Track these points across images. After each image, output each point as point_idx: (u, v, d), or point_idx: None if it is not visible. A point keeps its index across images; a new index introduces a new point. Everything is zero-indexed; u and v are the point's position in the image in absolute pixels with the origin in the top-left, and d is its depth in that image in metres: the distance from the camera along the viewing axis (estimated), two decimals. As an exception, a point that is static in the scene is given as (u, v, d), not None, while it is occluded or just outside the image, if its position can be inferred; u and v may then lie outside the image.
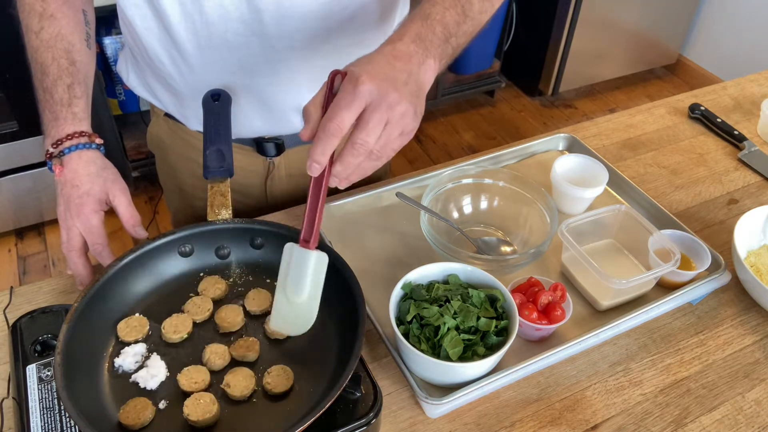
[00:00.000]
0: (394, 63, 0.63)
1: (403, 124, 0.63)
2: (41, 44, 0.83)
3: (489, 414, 0.75)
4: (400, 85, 0.62)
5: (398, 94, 0.61)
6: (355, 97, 0.60)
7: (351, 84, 0.61)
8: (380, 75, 0.61)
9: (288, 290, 0.69)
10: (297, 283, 0.68)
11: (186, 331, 0.74)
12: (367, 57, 0.64)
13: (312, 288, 0.69)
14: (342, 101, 0.60)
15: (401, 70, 0.63)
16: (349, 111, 0.60)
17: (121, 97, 2.32)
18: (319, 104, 0.64)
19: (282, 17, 0.82)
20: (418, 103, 0.64)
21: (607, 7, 2.75)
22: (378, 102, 0.61)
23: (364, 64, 0.63)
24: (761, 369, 0.82)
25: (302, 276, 0.68)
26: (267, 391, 0.69)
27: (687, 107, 1.27)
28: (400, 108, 0.62)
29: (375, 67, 0.62)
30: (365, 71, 0.61)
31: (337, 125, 0.60)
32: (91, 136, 0.81)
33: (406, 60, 0.64)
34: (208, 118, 0.86)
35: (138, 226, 0.81)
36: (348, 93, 0.60)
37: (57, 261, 2.20)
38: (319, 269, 0.69)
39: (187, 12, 0.82)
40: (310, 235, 0.67)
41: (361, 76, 0.60)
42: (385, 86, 0.61)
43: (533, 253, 0.86)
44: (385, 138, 0.62)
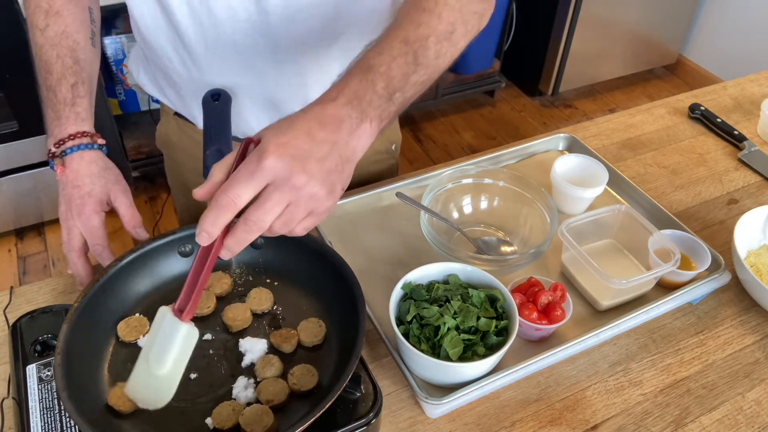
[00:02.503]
0: (317, 132, 0.56)
1: (311, 206, 0.57)
2: (46, 42, 0.83)
3: (489, 414, 0.75)
4: (314, 163, 0.56)
5: (307, 175, 0.55)
6: (255, 173, 0.54)
7: (256, 156, 0.55)
8: (292, 149, 0.55)
9: (151, 359, 0.62)
10: (161, 354, 0.61)
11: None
12: (289, 120, 0.58)
13: (175, 363, 0.62)
14: (241, 174, 0.55)
15: (322, 141, 0.56)
16: (246, 186, 0.55)
17: (121, 97, 2.32)
18: (225, 166, 0.59)
19: (290, 19, 0.82)
20: (337, 179, 0.58)
21: (607, 7, 2.75)
22: (281, 182, 0.55)
23: (280, 131, 0.56)
24: (761, 369, 0.82)
25: (168, 347, 0.61)
26: (294, 391, 0.69)
27: (687, 107, 1.27)
28: (308, 189, 0.56)
29: (289, 139, 0.55)
30: (275, 144, 0.55)
31: (232, 200, 0.55)
32: (93, 137, 0.81)
33: (334, 127, 0.57)
34: (208, 118, 0.86)
35: (139, 227, 0.81)
36: (249, 166, 0.55)
37: (57, 261, 2.20)
38: (188, 343, 0.62)
39: (195, 12, 0.82)
40: (185, 305, 0.60)
41: (267, 149, 0.54)
42: (293, 165, 0.55)
43: (533, 253, 0.86)
44: (288, 218, 0.57)
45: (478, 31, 0.71)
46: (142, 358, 0.62)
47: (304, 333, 0.75)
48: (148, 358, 0.62)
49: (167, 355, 0.61)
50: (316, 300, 0.79)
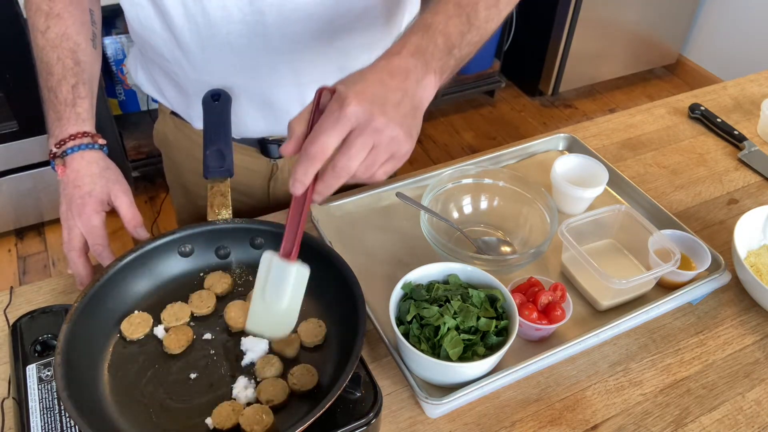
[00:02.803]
0: (388, 81, 0.59)
1: (393, 148, 0.60)
2: (47, 43, 0.83)
3: (489, 414, 0.75)
4: (391, 107, 0.58)
5: (386, 118, 0.58)
6: (339, 120, 0.57)
7: (337, 105, 0.57)
8: (369, 96, 0.58)
9: (266, 297, 0.67)
10: (276, 293, 0.66)
11: (185, 318, 0.76)
12: (360, 73, 0.61)
13: (291, 299, 0.67)
14: (326, 123, 0.58)
15: (395, 89, 0.59)
16: (332, 134, 0.57)
17: (121, 97, 2.32)
18: (304, 120, 0.62)
19: (285, 19, 0.82)
20: (412, 124, 0.61)
21: (607, 7, 2.75)
22: (364, 126, 0.57)
23: (355, 82, 0.59)
24: (761, 369, 0.82)
25: (282, 287, 0.66)
26: (294, 391, 0.70)
27: (687, 107, 1.27)
28: (389, 132, 0.58)
29: (365, 87, 0.58)
30: (353, 91, 0.58)
31: (320, 148, 0.57)
32: (94, 137, 0.81)
33: (403, 77, 0.60)
34: (208, 118, 0.86)
35: (139, 227, 0.81)
36: (332, 115, 0.57)
37: (57, 261, 2.20)
38: (300, 281, 0.66)
39: (190, 13, 0.82)
40: (291, 248, 0.65)
41: (348, 96, 0.57)
42: (372, 109, 0.57)
43: (533, 253, 0.86)
44: (371, 161, 0.59)
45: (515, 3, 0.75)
46: (256, 297, 0.67)
47: (304, 333, 0.75)
48: (264, 298, 0.67)
49: (283, 293, 0.66)
50: (316, 300, 0.79)
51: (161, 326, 0.75)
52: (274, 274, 0.66)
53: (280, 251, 0.66)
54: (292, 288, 0.66)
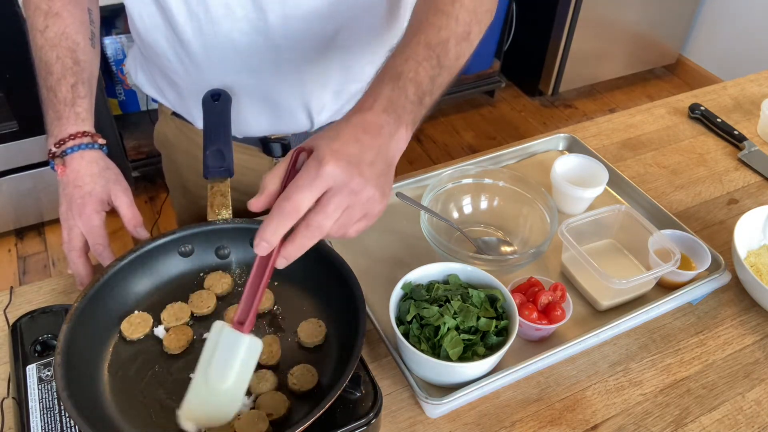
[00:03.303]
0: (363, 138, 0.59)
1: (367, 207, 0.59)
2: (46, 43, 0.83)
3: (489, 414, 0.75)
4: (366, 167, 0.58)
5: (363, 179, 0.57)
6: (316, 179, 0.56)
7: (314, 163, 0.56)
8: (346, 156, 0.57)
9: (210, 374, 0.61)
10: (223, 368, 0.61)
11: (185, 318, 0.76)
12: (335, 129, 0.60)
13: (238, 377, 0.61)
14: (302, 181, 0.56)
15: (369, 146, 0.59)
16: (309, 192, 0.56)
17: (121, 97, 2.32)
18: (278, 176, 0.60)
19: (287, 17, 0.82)
20: (386, 182, 0.61)
21: (607, 7, 2.75)
22: (341, 186, 0.57)
23: (331, 139, 0.58)
24: (761, 369, 0.82)
25: (230, 361, 0.61)
26: (293, 391, 0.69)
27: (687, 107, 1.27)
28: (365, 193, 0.58)
29: (341, 146, 0.57)
30: (331, 150, 0.57)
31: (294, 206, 0.56)
32: (93, 136, 0.81)
33: (376, 133, 0.59)
34: (208, 118, 0.86)
35: (139, 226, 0.81)
36: (310, 173, 0.56)
37: (57, 261, 2.20)
38: (251, 356, 0.62)
39: (193, 11, 0.82)
40: (245, 317, 0.61)
41: (325, 156, 0.56)
42: (350, 170, 0.57)
43: (533, 253, 0.86)
44: (345, 220, 0.59)
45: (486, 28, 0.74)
46: (199, 376, 0.62)
47: (304, 333, 0.75)
48: (207, 375, 0.61)
49: (230, 368, 0.61)
50: (316, 300, 0.79)
51: (161, 326, 0.75)
52: (222, 347, 0.61)
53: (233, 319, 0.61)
54: (240, 363, 0.61)
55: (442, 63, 0.67)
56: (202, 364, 0.62)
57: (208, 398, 0.62)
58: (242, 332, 0.61)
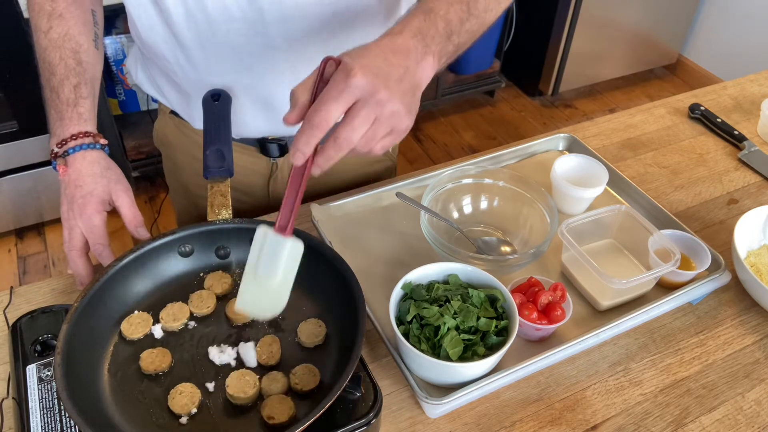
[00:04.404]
0: (391, 58, 0.61)
1: (393, 122, 0.61)
2: (49, 44, 0.83)
3: (489, 414, 0.76)
4: (393, 82, 0.60)
5: (389, 92, 0.59)
6: (344, 91, 0.58)
7: (342, 75, 0.58)
8: (374, 69, 0.59)
9: (259, 273, 0.66)
10: (269, 268, 0.65)
11: (185, 317, 0.76)
12: (364, 48, 0.62)
13: (284, 274, 0.66)
14: (331, 93, 0.58)
15: (397, 65, 0.61)
16: (337, 104, 0.58)
17: (121, 97, 2.32)
18: (307, 88, 0.62)
19: (284, 17, 0.83)
20: (412, 101, 0.63)
21: (607, 7, 2.75)
22: (367, 98, 0.59)
23: (360, 55, 0.60)
24: (761, 369, 0.82)
25: (276, 261, 0.65)
26: (296, 391, 0.70)
27: (687, 107, 1.27)
28: (391, 106, 0.60)
29: (369, 61, 0.59)
30: (359, 64, 0.59)
31: (324, 118, 0.58)
32: (95, 137, 0.82)
33: (404, 55, 0.62)
34: (208, 118, 0.86)
35: (140, 226, 0.81)
36: (338, 85, 0.58)
37: (57, 261, 2.20)
38: (294, 256, 0.66)
39: (190, 11, 0.82)
40: (287, 222, 0.65)
41: (353, 68, 0.58)
42: (377, 82, 0.58)
43: (533, 253, 0.86)
44: (371, 134, 0.60)
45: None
46: (248, 275, 0.66)
47: (304, 333, 0.75)
48: (256, 274, 0.66)
49: (277, 268, 0.65)
50: (317, 300, 0.79)
51: (158, 325, 0.75)
52: (267, 249, 0.65)
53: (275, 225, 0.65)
54: (285, 263, 0.65)
55: (471, 11, 0.69)
56: (249, 266, 0.66)
57: (259, 294, 0.67)
58: (284, 236, 0.65)
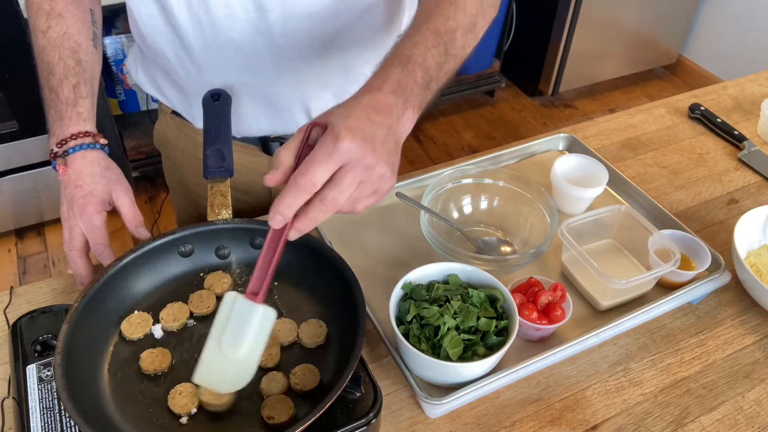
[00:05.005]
0: (374, 117, 0.60)
1: (379, 184, 0.61)
2: (48, 43, 0.83)
3: (489, 414, 0.75)
4: (379, 145, 0.59)
5: (376, 156, 0.59)
6: (332, 155, 0.57)
7: (330, 139, 0.58)
8: (360, 133, 0.58)
9: (224, 343, 0.63)
10: (236, 338, 0.62)
11: (184, 317, 0.76)
12: (347, 107, 0.61)
13: (253, 346, 0.63)
14: (318, 156, 0.58)
15: (380, 125, 0.60)
16: (325, 167, 0.57)
17: (121, 97, 2.32)
18: (291, 152, 0.61)
19: (287, 17, 0.83)
20: (395, 160, 0.62)
21: (607, 7, 2.75)
22: (356, 162, 0.58)
23: (344, 117, 0.60)
24: (761, 369, 0.82)
25: (244, 331, 0.62)
26: (296, 391, 0.69)
27: (687, 107, 1.27)
28: (378, 169, 0.60)
29: (355, 123, 0.59)
30: (346, 126, 0.58)
31: (310, 180, 0.57)
32: (95, 137, 0.82)
33: (386, 113, 0.61)
34: (209, 117, 0.86)
35: (141, 226, 0.81)
36: (326, 149, 0.57)
37: (57, 261, 2.20)
38: (264, 326, 0.63)
39: (194, 11, 0.82)
40: (259, 288, 0.62)
41: (341, 132, 0.58)
42: (365, 146, 0.58)
43: (533, 253, 0.86)
44: (356, 196, 0.60)
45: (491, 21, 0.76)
46: (212, 343, 0.63)
47: (305, 334, 0.75)
48: (220, 343, 0.63)
49: (243, 338, 0.62)
50: (317, 300, 0.79)
51: (158, 325, 0.75)
52: (235, 316, 0.63)
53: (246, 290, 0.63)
54: (254, 333, 0.62)
55: (449, 51, 0.69)
56: (214, 333, 0.64)
57: (222, 365, 0.63)
58: (255, 302, 0.62)
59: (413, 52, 0.66)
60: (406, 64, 0.65)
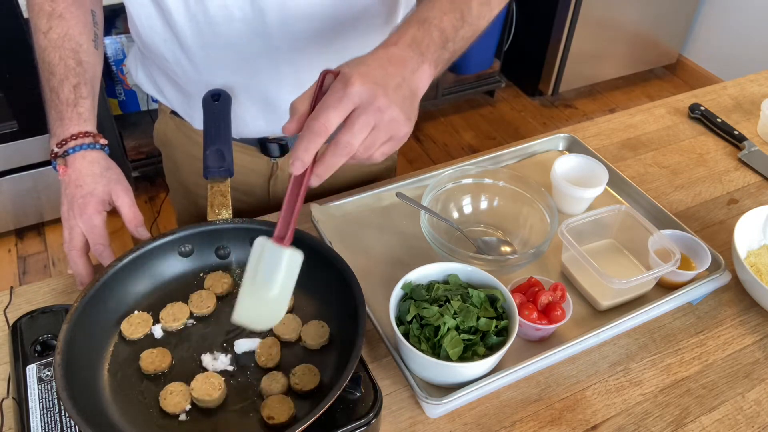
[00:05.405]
0: (388, 67, 0.62)
1: (392, 129, 0.62)
2: (49, 44, 0.83)
3: (489, 414, 0.76)
4: (392, 90, 0.60)
5: (388, 99, 0.60)
6: (343, 98, 0.59)
7: (341, 84, 0.59)
8: (372, 77, 0.60)
9: (257, 284, 0.65)
10: (267, 279, 0.64)
11: (184, 317, 0.76)
12: (361, 58, 0.63)
13: (283, 285, 0.65)
14: (330, 100, 0.59)
15: (394, 74, 0.62)
16: (336, 111, 0.59)
17: (121, 97, 2.32)
18: (306, 100, 0.63)
19: (285, 18, 0.83)
20: (410, 108, 0.63)
21: (607, 7, 2.75)
22: (366, 105, 0.59)
23: (357, 65, 0.61)
24: (761, 369, 0.82)
25: (274, 272, 0.64)
26: (296, 391, 0.70)
27: (687, 107, 1.27)
28: (390, 112, 0.60)
29: (368, 69, 0.60)
30: (357, 72, 0.60)
31: (323, 124, 0.58)
32: (95, 137, 0.82)
33: (401, 64, 0.63)
34: (208, 118, 0.87)
35: (141, 226, 0.81)
36: (336, 93, 0.59)
37: (57, 261, 2.20)
38: (292, 267, 0.65)
39: (191, 12, 0.82)
40: (285, 233, 0.64)
41: (352, 77, 0.59)
42: (375, 89, 0.59)
43: (533, 253, 0.86)
44: (371, 141, 0.61)
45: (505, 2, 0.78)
46: (246, 285, 0.65)
47: (307, 336, 0.75)
48: (254, 283, 0.64)
49: (275, 278, 0.64)
50: (317, 300, 0.79)
51: (158, 326, 0.75)
52: (265, 260, 0.64)
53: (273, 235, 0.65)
54: (283, 274, 0.64)
55: (465, 18, 0.70)
56: (248, 276, 0.65)
57: (256, 305, 0.65)
58: (282, 246, 0.64)
59: (430, 14, 0.68)
60: (422, 23, 0.66)
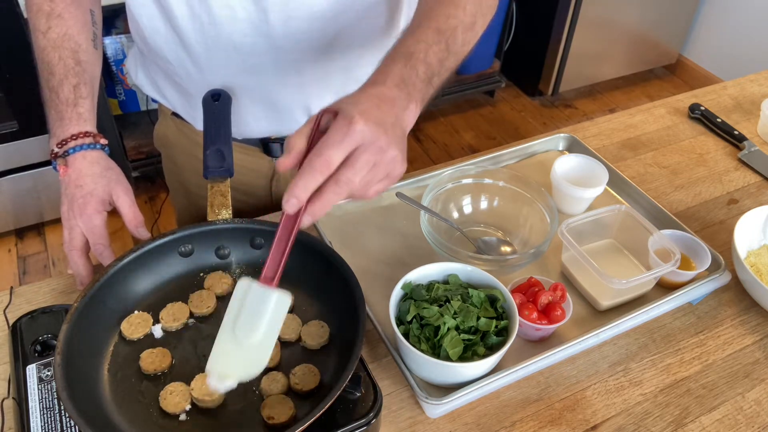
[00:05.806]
0: (381, 106, 0.61)
1: (391, 167, 0.61)
2: (48, 44, 0.83)
3: (489, 414, 0.76)
4: (390, 129, 0.60)
5: (389, 139, 0.60)
6: (347, 136, 0.58)
7: (344, 122, 0.58)
8: (373, 117, 0.59)
9: (238, 330, 0.62)
10: (251, 324, 0.61)
11: (184, 317, 0.76)
12: (355, 97, 0.62)
13: (268, 329, 0.62)
14: (333, 138, 0.58)
15: (388, 113, 0.61)
16: (339, 149, 0.58)
17: (121, 97, 2.32)
18: (303, 137, 0.62)
19: (288, 18, 0.83)
20: (404, 147, 0.63)
21: (607, 7, 2.75)
22: (369, 144, 0.59)
23: (354, 103, 0.60)
24: (761, 369, 0.82)
25: (259, 316, 0.61)
26: (296, 391, 0.69)
27: (687, 107, 1.27)
28: (391, 152, 0.60)
29: (366, 108, 0.60)
30: (359, 111, 0.59)
31: (325, 162, 0.57)
32: (95, 137, 0.82)
33: (391, 104, 0.62)
34: (209, 118, 0.87)
35: (141, 226, 0.81)
36: (340, 131, 0.58)
37: (57, 261, 2.20)
38: (280, 310, 0.62)
39: (195, 12, 0.82)
40: (274, 273, 0.62)
41: (354, 115, 0.58)
42: (378, 129, 0.59)
43: (533, 253, 0.86)
44: (369, 178, 0.60)
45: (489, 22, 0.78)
46: (225, 331, 0.62)
47: (308, 336, 0.75)
48: (234, 330, 0.62)
49: (260, 322, 0.61)
50: (317, 301, 0.79)
51: (158, 326, 0.75)
52: (250, 302, 0.62)
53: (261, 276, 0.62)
54: (269, 317, 0.62)
55: (450, 48, 0.70)
56: (227, 321, 0.62)
57: (236, 353, 0.62)
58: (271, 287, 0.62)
59: (415, 48, 0.67)
60: (408, 59, 0.66)
